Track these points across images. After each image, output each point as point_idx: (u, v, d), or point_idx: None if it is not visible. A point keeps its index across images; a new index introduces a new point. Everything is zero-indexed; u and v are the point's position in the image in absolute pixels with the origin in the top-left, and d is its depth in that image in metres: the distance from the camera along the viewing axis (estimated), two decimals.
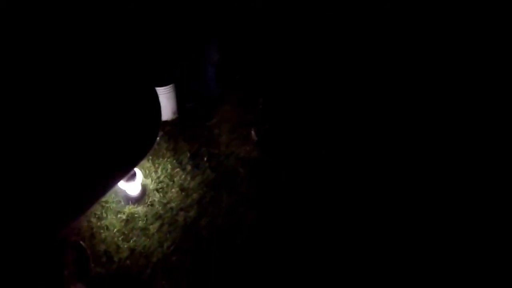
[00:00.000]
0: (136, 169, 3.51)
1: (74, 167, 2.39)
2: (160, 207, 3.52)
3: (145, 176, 3.71)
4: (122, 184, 3.43)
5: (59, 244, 2.36)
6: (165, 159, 3.89)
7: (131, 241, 3.30)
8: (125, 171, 2.86)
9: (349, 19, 4.67)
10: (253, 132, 4.08)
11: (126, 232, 3.36)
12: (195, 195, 3.60)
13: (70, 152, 2.39)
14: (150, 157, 3.89)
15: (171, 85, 4.09)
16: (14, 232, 2.17)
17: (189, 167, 3.82)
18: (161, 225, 3.40)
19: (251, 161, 3.91)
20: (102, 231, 3.37)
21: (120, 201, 3.57)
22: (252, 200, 3.58)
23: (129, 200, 3.57)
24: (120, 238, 3.32)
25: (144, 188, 3.63)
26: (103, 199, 3.56)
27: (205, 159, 3.90)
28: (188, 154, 3.93)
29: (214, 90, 4.53)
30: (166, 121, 4.30)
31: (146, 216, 3.47)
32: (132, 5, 3.72)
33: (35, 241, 2.23)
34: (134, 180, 3.43)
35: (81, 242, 2.60)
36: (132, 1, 3.75)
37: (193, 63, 4.42)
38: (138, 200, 3.58)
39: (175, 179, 3.73)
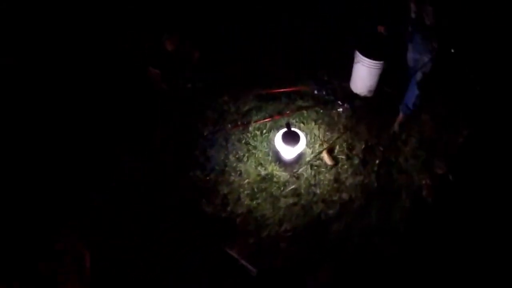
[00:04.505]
0: (302, 134, 3.03)
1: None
2: (304, 186, 3.01)
3: (307, 144, 3.18)
4: (279, 143, 2.98)
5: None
6: (336, 136, 3.31)
7: (254, 201, 2.90)
8: None
9: None
10: None
11: (255, 189, 2.96)
12: (344, 195, 2.99)
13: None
14: (323, 125, 3.36)
15: (380, 62, 3.46)
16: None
17: (356, 161, 3.18)
18: (294, 204, 2.92)
19: (422, 190, 3.08)
20: (233, 173, 3.02)
21: (268, 154, 3.15)
22: (399, 233, 2.82)
23: (278, 159, 3.13)
24: (245, 192, 2.94)
25: (300, 155, 3.14)
26: (253, 143, 3.17)
27: (377, 161, 3.19)
28: (363, 145, 3.27)
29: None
30: (357, 95, 3.68)
31: (285, 185, 3.00)
32: None
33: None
34: (292, 146, 2.95)
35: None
36: None
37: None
38: (287, 164, 3.12)
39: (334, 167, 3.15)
